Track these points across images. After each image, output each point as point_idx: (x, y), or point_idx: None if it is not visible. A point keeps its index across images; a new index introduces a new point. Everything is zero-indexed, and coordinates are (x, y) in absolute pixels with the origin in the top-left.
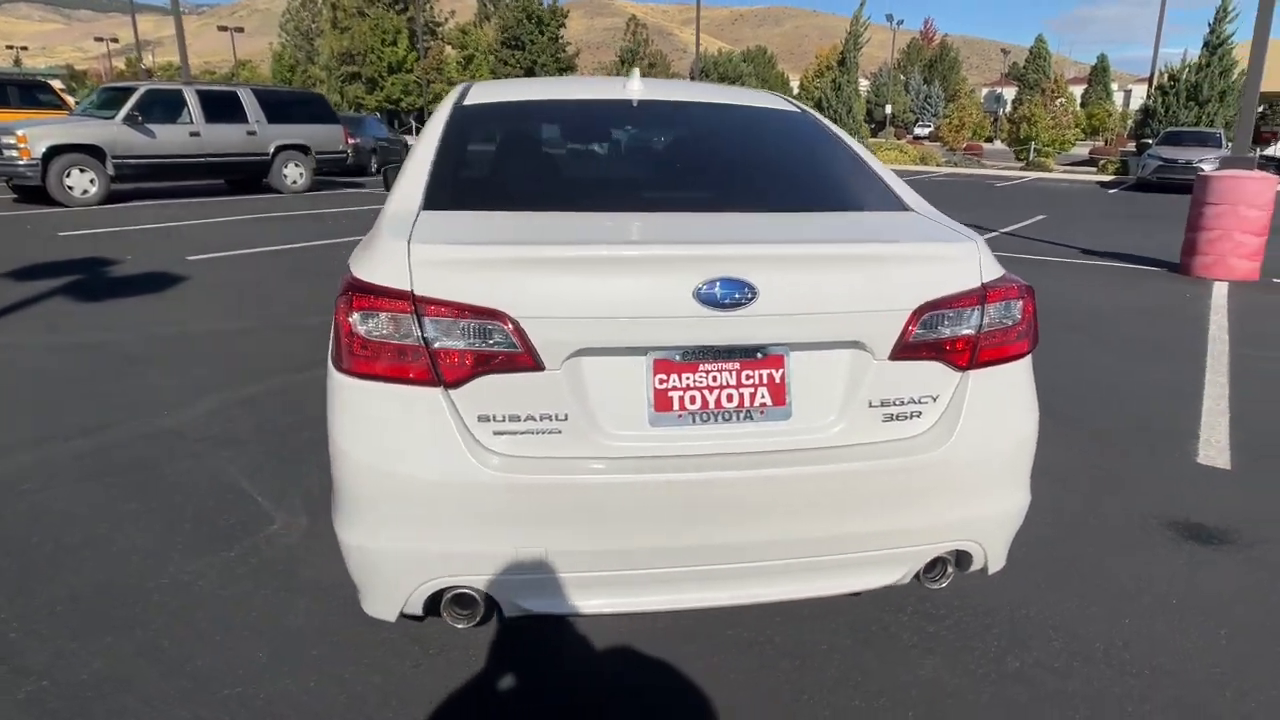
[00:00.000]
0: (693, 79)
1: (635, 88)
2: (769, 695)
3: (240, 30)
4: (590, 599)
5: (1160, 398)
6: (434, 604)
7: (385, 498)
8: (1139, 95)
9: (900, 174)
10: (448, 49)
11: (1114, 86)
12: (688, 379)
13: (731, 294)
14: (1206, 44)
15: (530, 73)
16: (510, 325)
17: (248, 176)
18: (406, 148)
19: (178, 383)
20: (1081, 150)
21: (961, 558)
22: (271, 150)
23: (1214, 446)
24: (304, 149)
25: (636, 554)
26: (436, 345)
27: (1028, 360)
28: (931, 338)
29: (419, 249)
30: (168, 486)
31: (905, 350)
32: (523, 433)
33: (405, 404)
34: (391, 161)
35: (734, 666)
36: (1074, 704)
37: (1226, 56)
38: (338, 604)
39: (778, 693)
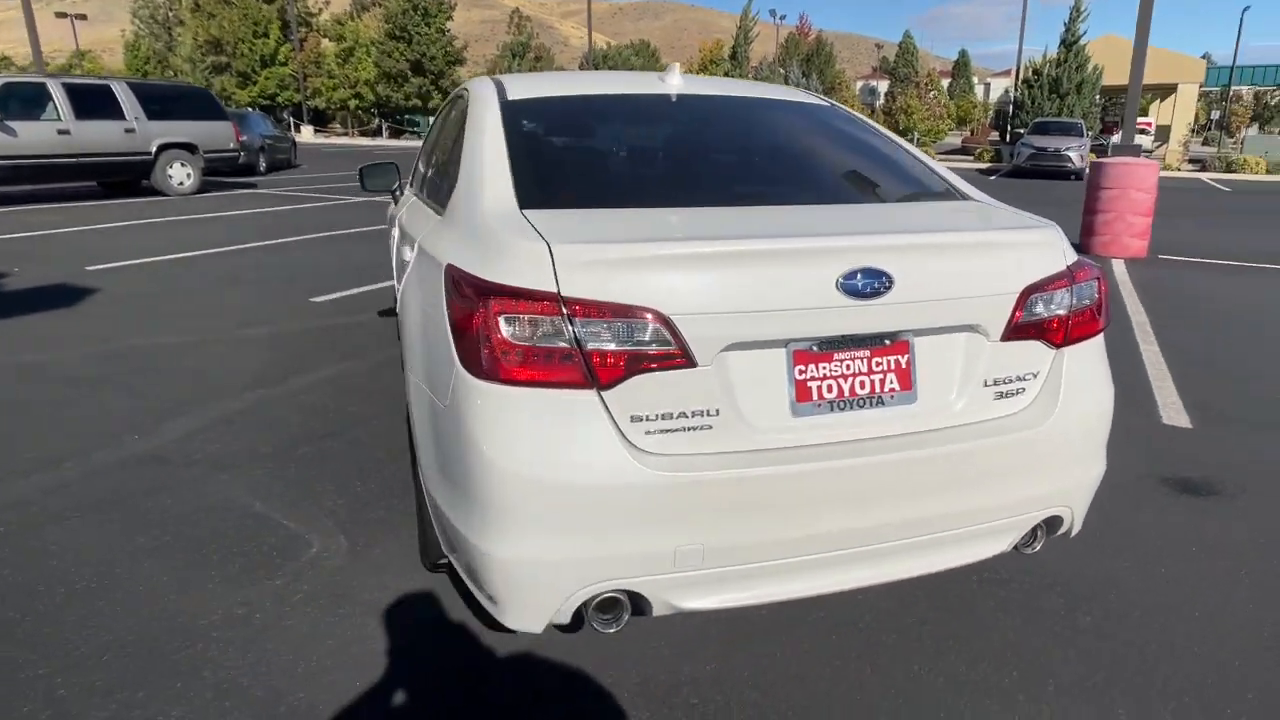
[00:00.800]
0: (595, 68)
1: (677, 82)
2: (885, 669)
3: (82, 17)
4: (739, 591)
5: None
6: (581, 610)
7: (541, 506)
8: (997, 88)
9: None
10: (324, 41)
11: (974, 80)
12: (824, 368)
13: (871, 283)
14: (1063, 41)
15: (418, 66)
16: (663, 323)
17: (128, 178)
18: (294, 145)
19: (137, 403)
20: (954, 140)
21: (1053, 523)
22: (154, 149)
23: (1172, 408)
24: (190, 148)
25: (784, 544)
26: (590, 347)
27: (1101, 337)
28: (1034, 318)
29: (562, 249)
30: (172, 517)
31: (1014, 331)
32: (675, 430)
33: (560, 408)
34: (369, 163)
35: (843, 647)
36: (1151, 650)
37: (1080, 53)
38: (414, 625)
39: (892, 667)
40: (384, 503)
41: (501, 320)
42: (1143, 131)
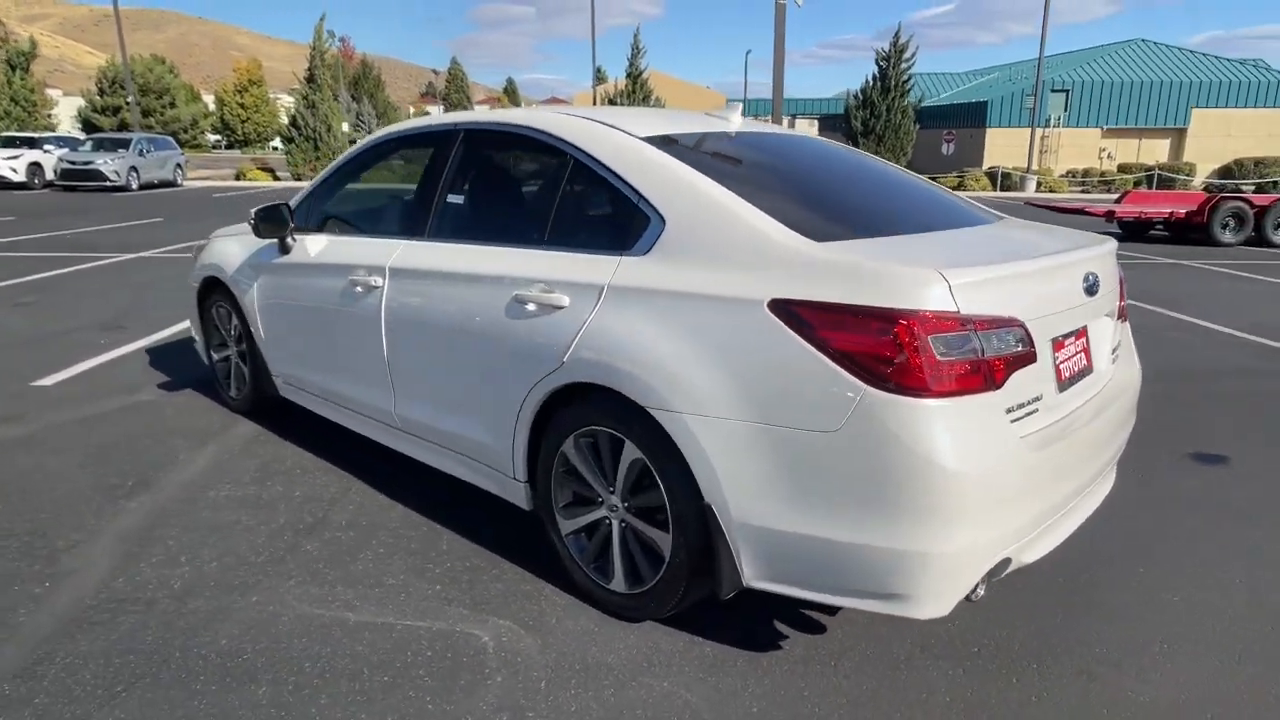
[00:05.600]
0: (122, 86)
1: (741, 121)
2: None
3: None
4: (1048, 539)
5: None
6: None
7: (973, 498)
8: None
9: (397, 192)
10: None
11: (523, 106)
12: (1063, 354)
13: (1094, 284)
14: (629, 74)
15: None
16: (1023, 328)
17: None
18: None
19: None
20: None
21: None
22: None
23: None
24: None
25: (1068, 495)
26: (989, 355)
27: None
28: (1122, 303)
29: (955, 274)
30: (261, 655)
31: (1120, 314)
32: (1025, 415)
33: (976, 410)
34: (265, 205)
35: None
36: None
37: (644, 85)
38: (707, 662)
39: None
40: (489, 572)
41: (930, 341)
42: None
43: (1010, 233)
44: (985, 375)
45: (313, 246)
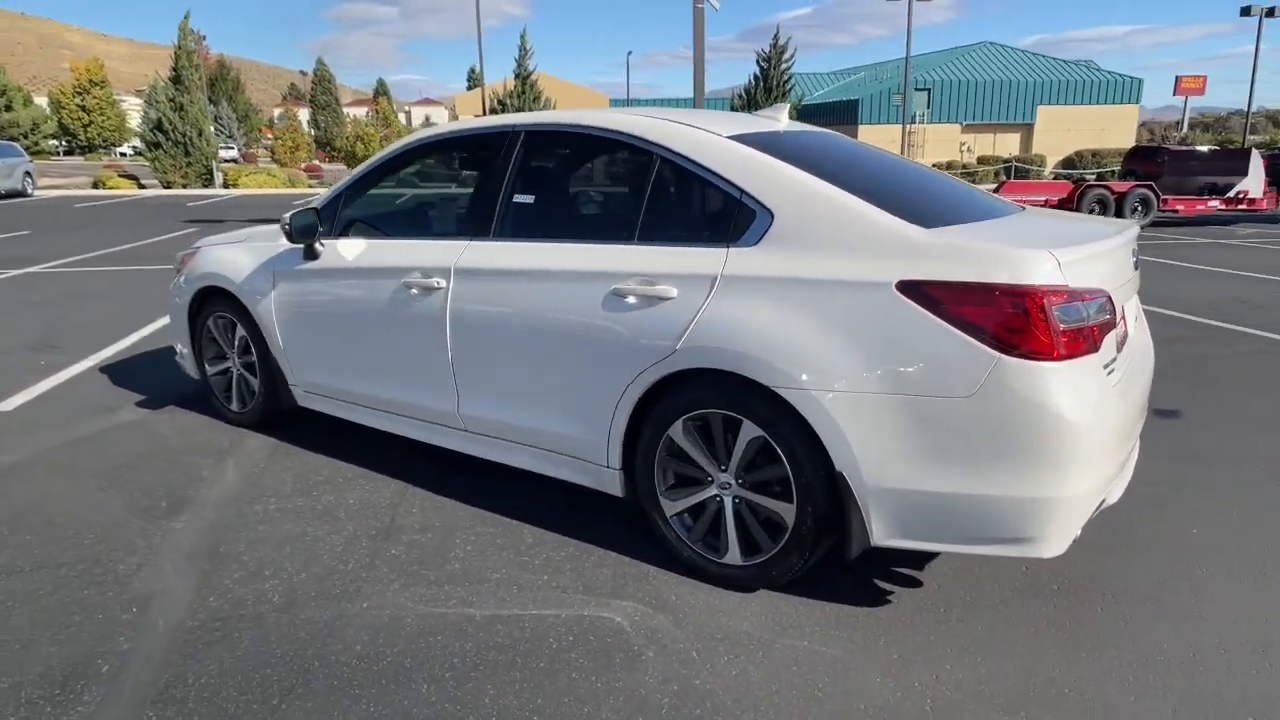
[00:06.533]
0: None
1: (787, 120)
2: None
3: None
4: (1121, 483)
5: None
6: None
7: (1093, 447)
8: (417, 116)
9: (280, 199)
10: None
11: (394, 108)
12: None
13: (1137, 260)
14: (516, 75)
15: None
16: (1108, 298)
17: None
18: None
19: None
20: None
21: None
22: None
23: None
24: None
25: (1131, 446)
26: (1090, 322)
27: None
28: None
29: (1061, 253)
30: (399, 635)
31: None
32: (1111, 373)
33: (1087, 370)
34: (297, 209)
35: None
36: None
37: (533, 86)
38: (858, 621)
39: None
40: (588, 560)
41: (1054, 311)
42: None
43: (1055, 219)
44: (1089, 339)
45: (347, 251)
